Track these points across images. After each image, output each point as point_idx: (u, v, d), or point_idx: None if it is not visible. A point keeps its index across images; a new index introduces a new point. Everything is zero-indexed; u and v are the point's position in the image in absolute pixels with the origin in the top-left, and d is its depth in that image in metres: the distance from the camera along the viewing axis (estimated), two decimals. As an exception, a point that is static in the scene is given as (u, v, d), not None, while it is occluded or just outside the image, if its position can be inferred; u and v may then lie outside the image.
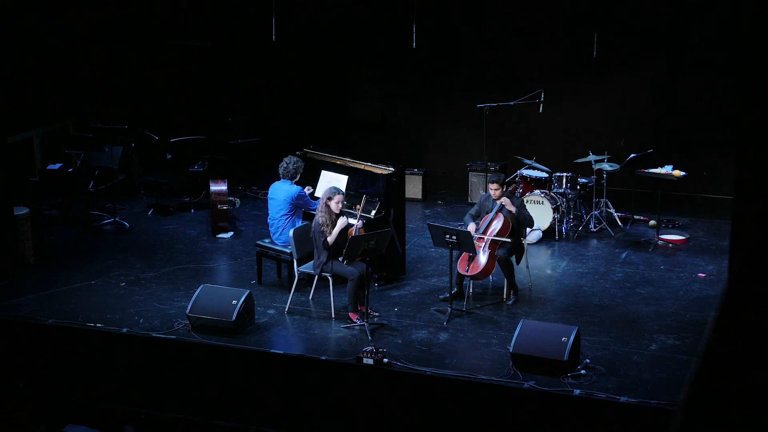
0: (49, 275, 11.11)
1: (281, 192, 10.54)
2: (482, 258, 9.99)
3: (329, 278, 9.85)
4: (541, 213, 12.20)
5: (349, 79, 15.54)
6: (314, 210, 10.36)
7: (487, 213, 10.26)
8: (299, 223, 10.49)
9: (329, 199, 9.77)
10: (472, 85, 14.48)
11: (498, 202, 10.19)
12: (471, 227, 10.16)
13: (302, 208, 10.58)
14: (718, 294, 10.43)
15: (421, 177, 14.11)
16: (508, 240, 10.02)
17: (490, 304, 10.24)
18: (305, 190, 10.80)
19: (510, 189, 10.32)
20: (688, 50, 13.56)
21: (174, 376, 9.48)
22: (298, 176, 10.66)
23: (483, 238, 10.02)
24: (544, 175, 12.68)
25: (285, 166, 10.61)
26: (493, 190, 10.22)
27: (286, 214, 10.49)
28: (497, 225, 10.10)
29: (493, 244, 10.04)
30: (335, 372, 8.92)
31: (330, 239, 9.69)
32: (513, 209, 10.09)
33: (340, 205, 9.84)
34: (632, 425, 8.10)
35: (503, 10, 14.32)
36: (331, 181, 10.94)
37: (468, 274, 10.03)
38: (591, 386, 8.34)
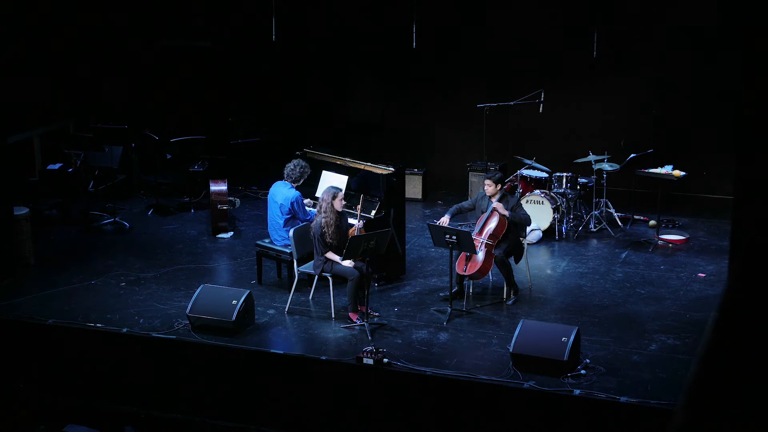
0: (49, 275, 11.11)
1: (279, 194, 10.51)
2: (479, 257, 9.99)
3: (329, 278, 9.85)
4: (541, 213, 12.20)
5: (349, 80, 15.53)
6: (309, 220, 10.35)
7: (483, 212, 10.26)
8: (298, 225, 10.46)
9: (334, 198, 9.76)
10: (472, 85, 14.48)
11: (492, 206, 10.17)
12: (444, 219, 10.17)
13: (295, 213, 10.52)
14: (718, 294, 10.44)
15: (421, 177, 14.11)
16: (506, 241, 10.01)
17: (490, 304, 10.24)
18: (306, 201, 10.71)
19: (505, 188, 10.32)
20: (687, 50, 13.56)
21: (174, 376, 9.48)
22: (302, 181, 10.60)
23: (479, 240, 10.01)
24: (544, 175, 12.68)
25: (291, 167, 10.55)
26: (487, 186, 10.23)
27: (283, 217, 10.45)
28: (492, 224, 10.10)
29: (490, 243, 10.03)
30: (335, 372, 8.92)
31: (330, 256, 9.72)
32: (506, 213, 10.07)
33: (343, 203, 9.87)
34: (632, 425, 8.10)
35: (503, 9, 14.32)
36: (332, 181, 10.93)
37: (466, 273, 10.03)
38: (591, 386, 8.34)
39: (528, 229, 10.93)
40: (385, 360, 8.75)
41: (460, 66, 14.72)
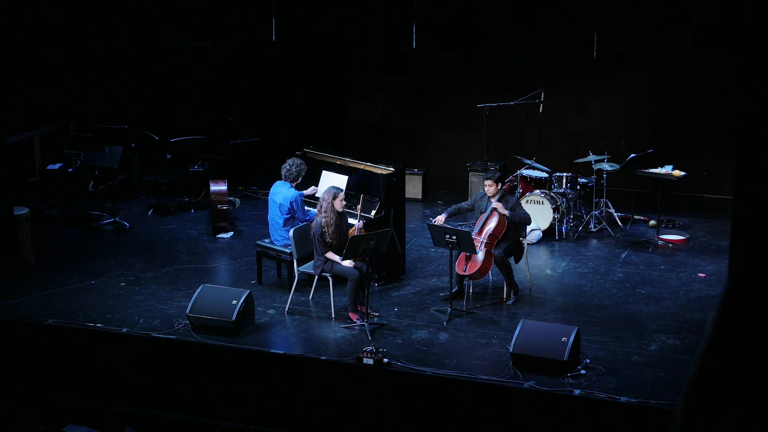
0: (49, 275, 11.11)
1: (279, 194, 10.53)
2: (479, 257, 9.99)
3: (329, 278, 9.85)
4: (541, 213, 12.20)
5: (349, 79, 15.53)
6: (308, 219, 10.34)
7: (482, 212, 10.25)
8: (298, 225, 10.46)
9: (334, 198, 9.77)
10: (472, 85, 14.48)
11: (491, 205, 10.16)
12: (440, 218, 10.17)
13: (294, 212, 10.52)
14: (718, 294, 10.43)
15: (421, 177, 14.11)
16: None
17: (490, 304, 10.24)
18: (310, 190, 10.78)
19: (504, 188, 10.31)
20: (687, 50, 13.55)
21: (174, 376, 9.48)
22: (300, 179, 10.62)
23: (478, 239, 10.01)
24: (544, 175, 12.68)
25: (287, 168, 10.58)
26: (488, 186, 10.22)
27: (283, 217, 10.45)
28: (492, 224, 10.10)
29: (489, 243, 10.03)
30: (335, 372, 8.92)
31: (330, 256, 9.72)
32: (506, 213, 10.07)
33: (343, 203, 9.87)
34: (632, 425, 8.10)
35: (503, 9, 14.32)
36: (332, 181, 10.93)
37: (466, 273, 10.02)
38: (591, 386, 8.34)
39: (528, 229, 10.93)
40: (385, 360, 8.75)
41: (460, 66, 14.72)
